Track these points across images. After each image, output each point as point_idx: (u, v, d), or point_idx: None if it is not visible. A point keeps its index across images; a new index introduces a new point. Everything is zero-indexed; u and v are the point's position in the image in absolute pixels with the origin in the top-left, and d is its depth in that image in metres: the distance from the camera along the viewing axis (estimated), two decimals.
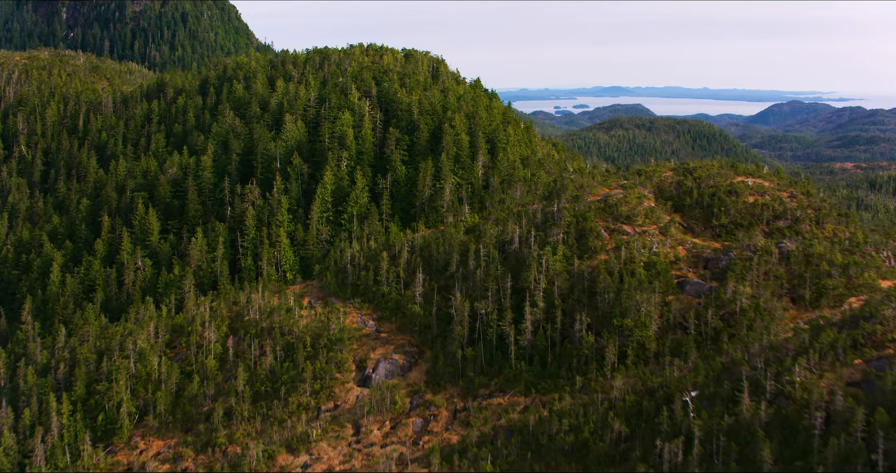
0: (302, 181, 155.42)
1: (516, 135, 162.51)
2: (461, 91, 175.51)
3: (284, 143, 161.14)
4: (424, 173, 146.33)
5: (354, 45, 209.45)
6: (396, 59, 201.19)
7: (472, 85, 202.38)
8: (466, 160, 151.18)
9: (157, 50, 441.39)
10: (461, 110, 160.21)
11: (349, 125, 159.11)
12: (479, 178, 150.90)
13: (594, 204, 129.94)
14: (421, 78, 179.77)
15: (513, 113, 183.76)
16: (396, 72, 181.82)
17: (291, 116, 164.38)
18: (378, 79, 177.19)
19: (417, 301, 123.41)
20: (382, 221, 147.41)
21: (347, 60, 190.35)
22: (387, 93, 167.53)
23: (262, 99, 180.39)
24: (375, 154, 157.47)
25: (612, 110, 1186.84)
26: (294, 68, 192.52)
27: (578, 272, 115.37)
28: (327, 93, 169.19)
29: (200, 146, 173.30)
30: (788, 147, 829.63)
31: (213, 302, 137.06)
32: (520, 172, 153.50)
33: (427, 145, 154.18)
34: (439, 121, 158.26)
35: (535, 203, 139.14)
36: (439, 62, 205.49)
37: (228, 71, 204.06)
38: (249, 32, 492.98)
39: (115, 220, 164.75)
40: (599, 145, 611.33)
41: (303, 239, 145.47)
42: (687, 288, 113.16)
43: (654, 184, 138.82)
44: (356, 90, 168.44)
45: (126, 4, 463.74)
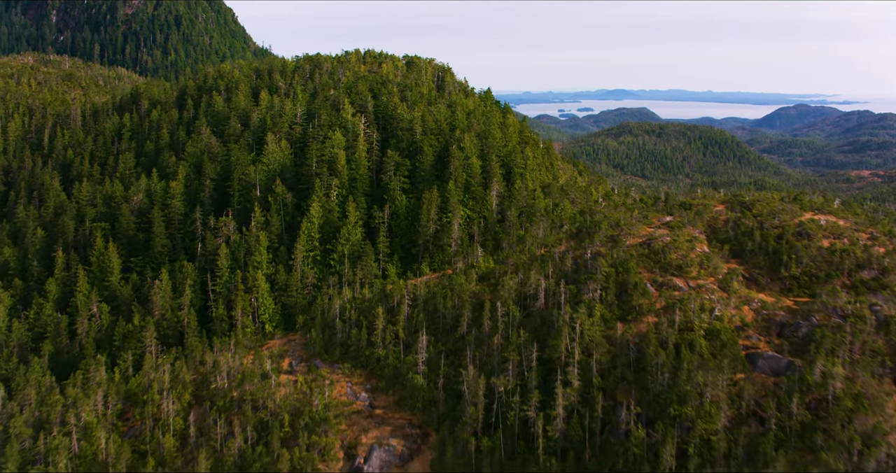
0: (285, 213, 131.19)
1: (535, 157, 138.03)
2: (470, 105, 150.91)
3: (266, 167, 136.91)
4: (429, 205, 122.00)
5: (350, 52, 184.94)
6: (397, 67, 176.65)
7: (482, 96, 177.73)
8: (478, 189, 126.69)
9: (148, 54, 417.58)
10: (471, 129, 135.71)
11: (340, 146, 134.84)
12: (493, 211, 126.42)
13: (635, 248, 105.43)
14: (424, 89, 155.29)
15: (530, 130, 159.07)
16: (396, 83, 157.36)
17: (274, 136, 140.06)
18: (375, 92, 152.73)
19: (420, 369, 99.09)
20: (379, 262, 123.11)
21: (341, 69, 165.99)
22: (385, 108, 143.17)
23: (244, 113, 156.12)
24: (371, 181, 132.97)
25: (617, 114, 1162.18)
26: (282, 78, 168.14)
27: (622, 340, 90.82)
28: (316, 108, 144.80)
29: (172, 168, 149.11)
30: (798, 152, 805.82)
31: (177, 362, 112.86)
32: (541, 202, 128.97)
33: (432, 171, 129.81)
34: (446, 141, 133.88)
35: (562, 243, 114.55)
36: (445, 70, 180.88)
37: (209, 80, 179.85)
38: (246, 36, 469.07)
39: (71, 256, 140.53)
40: (608, 152, 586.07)
41: (284, 284, 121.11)
42: (760, 363, 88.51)
43: (706, 222, 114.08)
44: (350, 105, 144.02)
45: (118, 7, 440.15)
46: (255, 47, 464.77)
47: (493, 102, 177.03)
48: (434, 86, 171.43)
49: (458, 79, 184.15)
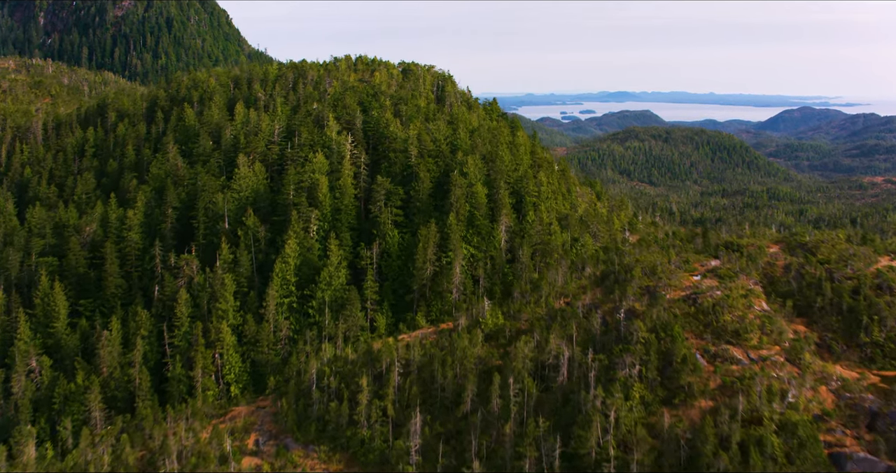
0: (257, 250, 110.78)
1: (549, 182, 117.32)
2: (474, 121, 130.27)
3: (236, 195, 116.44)
4: (425, 242, 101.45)
5: (340, 58, 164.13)
6: (392, 75, 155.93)
7: (487, 108, 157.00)
8: (483, 222, 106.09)
9: (138, 58, 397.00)
10: (475, 150, 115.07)
11: (323, 171, 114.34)
12: (501, 249, 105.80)
13: (678, 305, 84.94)
14: (422, 102, 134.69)
15: (542, 148, 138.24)
16: (390, 95, 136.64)
17: (247, 157, 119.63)
18: (365, 105, 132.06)
19: (413, 459, 78.79)
20: (366, 311, 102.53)
21: (328, 78, 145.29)
22: (376, 124, 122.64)
23: (217, 129, 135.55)
24: (358, 213, 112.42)
25: (620, 116, 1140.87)
26: (261, 88, 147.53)
27: (669, 434, 70.34)
28: (297, 124, 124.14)
29: (133, 193, 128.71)
30: (804, 156, 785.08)
31: (123, 436, 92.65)
32: (557, 238, 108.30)
33: (429, 201, 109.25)
34: (446, 166, 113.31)
35: (587, 293, 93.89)
36: (445, 79, 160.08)
37: (182, 90, 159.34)
38: (241, 38, 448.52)
39: (13, 297, 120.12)
40: (614, 157, 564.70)
41: (254, 337, 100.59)
42: (849, 467, 68.18)
43: (760, 269, 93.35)
44: (335, 121, 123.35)
45: (107, 9, 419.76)
46: (250, 50, 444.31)
47: (499, 115, 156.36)
48: (433, 98, 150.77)
49: (459, 88, 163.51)
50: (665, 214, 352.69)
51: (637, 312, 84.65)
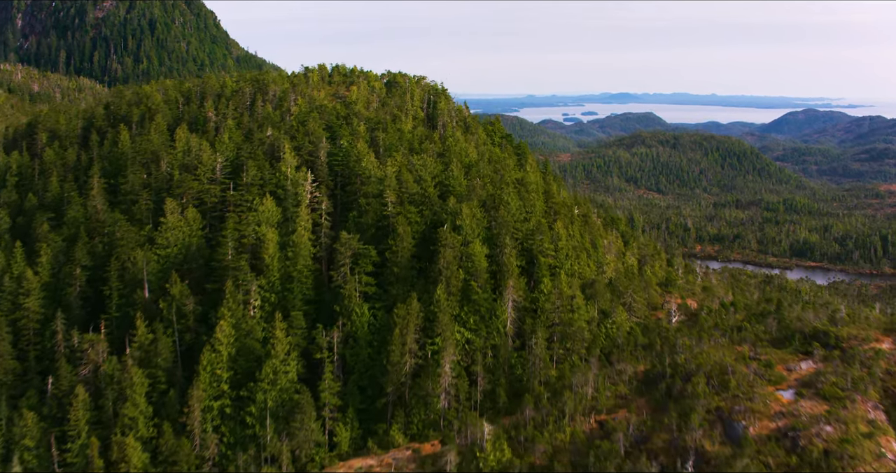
0: (183, 328, 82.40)
1: (570, 234, 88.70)
2: (472, 152, 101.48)
3: (162, 252, 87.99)
4: (404, 324, 73.09)
5: (312, 68, 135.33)
6: (373, 89, 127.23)
7: (489, 128, 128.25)
8: (483, 296, 77.55)
9: (118, 62, 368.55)
10: (472, 194, 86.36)
11: (271, 222, 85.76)
12: (506, 333, 77.36)
13: (769, 448, 56.75)
14: (407, 125, 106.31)
15: (558, 184, 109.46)
16: (366, 117, 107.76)
17: (178, 201, 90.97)
18: (335, 131, 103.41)
19: None
20: (324, 420, 74.08)
21: (293, 94, 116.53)
22: (345, 158, 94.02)
23: (154, 158, 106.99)
24: (317, 280, 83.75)
25: (623, 119, 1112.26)
26: (214, 106, 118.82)
27: None
28: (244, 157, 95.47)
29: (42, 241, 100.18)
30: (812, 160, 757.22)
31: None
32: (582, 314, 79.70)
33: (411, 265, 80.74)
34: (434, 215, 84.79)
35: (627, 408, 65.55)
36: (438, 92, 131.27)
37: (123, 106, 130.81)
38: (229, 41, 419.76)
39: None
40: (620, 164, 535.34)
41: (170, 458, 72.27)
42: None
43: (878, 381, 64.73)
44: (292, 152, 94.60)
45: (87, 10, 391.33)
46: (239, 53, 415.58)
47: (502, 137, 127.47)
48: (423, 116, 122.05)
49: (455, 103, 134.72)
50: (680, 231, 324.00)
51: (709, 454, 56.49)
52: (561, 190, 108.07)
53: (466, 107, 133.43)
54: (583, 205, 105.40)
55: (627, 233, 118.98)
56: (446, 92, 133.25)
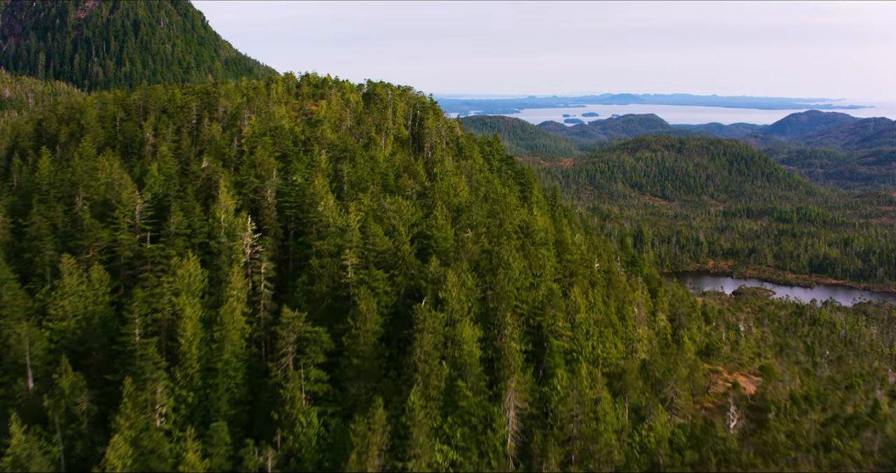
0: (76, 433, 60.24)
1: (591, 300, 66.23)
2: (463, 187, 78.62)
3: (53, 327, 65.72)
4: (364, 446, 51.03)
5: (278, 78, 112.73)
6: (347, 103, 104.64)
7: (486, 149, 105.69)
8: (474, 401, 55.25)
9: (100, 65, 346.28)
10: (462, 252, 63.87)
11: (193, 291, 63.40)
12: (507, 455, 55.04)
13: None
14: (384, 151, 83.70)
15: (571, 223, 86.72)
16: (329, 143, 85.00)
17: (76, 262, 68.50)
18: (290, 160, 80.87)
19: None
20: None
21: (248, 110, 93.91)
22: (299, 198, 71.64)
23: (68, 197, 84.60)
24: (251, 373, 61.34)
25: (625, 120, 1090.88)
26: (152, 126, 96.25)
27: None
28: (171, 196, 73.16)
29: None
30: (818, 163, 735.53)
31: None
32: (610, 422, 57.43)
33: (376, 353, 58.52)
34: (410, 282, 62.49)
35: None
36: (427, 106, 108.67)
37: (52, 123, 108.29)
38: (219, 42, 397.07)
39: None
40: (625, 169, 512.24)
41: None
42: None
43: None
44: (230, 191, 72.22)
45: (69, 10, 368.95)
46: (228, 55, 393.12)
47: (502, 160, 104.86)
48: (406, 135, 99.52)
49: (447, 117, 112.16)
50: (691, 245, 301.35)
51: None
52: (575, 233, 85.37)
53: (460, 125, 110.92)
54: (604, 253, 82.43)
55: (653, 279, 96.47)
56: (436, 105, 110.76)
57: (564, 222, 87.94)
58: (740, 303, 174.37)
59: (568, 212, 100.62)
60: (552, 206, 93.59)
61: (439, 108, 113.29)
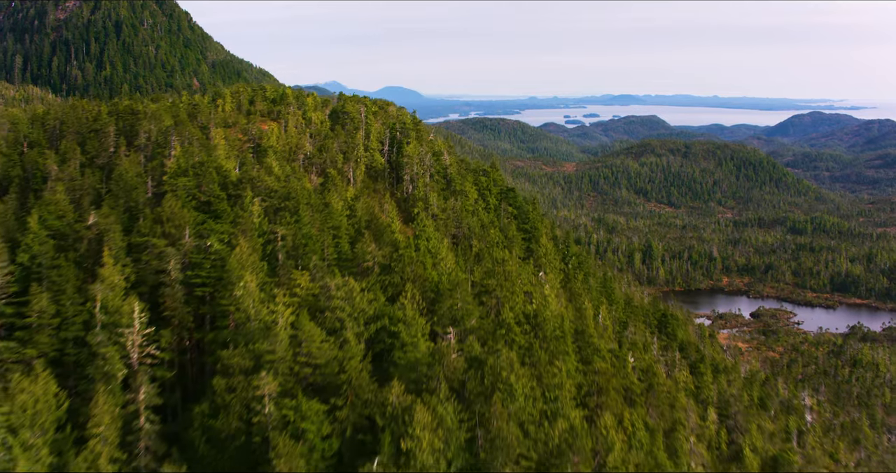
0: None
1: (627, 444, 44.90)
2: (447, 256, 56.62)
3: None
4: None
5: (222, 93, 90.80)
6: (308, 125, 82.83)
7: (481, 181, 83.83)
8: None
9: (79, 68, 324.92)
10: (440, 366, 42.62)
11: (42, 425, 42.04)
12: None
13: None
14: (345, 194, 62.08)
15: (597, 302, 64.91)
16: (267, 190, 62.89)
17: None
18: (217, 213, 59.41)
19: None
20: None
21: (177, 136, 71.86)
22: (215, 273, 50.24)
23: None
24: None
25: (626, 122, 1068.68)
26: (60, 153, 74.80)
27: None
28: (43, 265, 51.86)
29: None
30: (824, 166, 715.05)
31: None
32: None
33: None
34: (360, 419, 41.20)
35: None
36: (408, 127, 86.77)
37: None
38: (206, 44, 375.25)
39: None
40: (629, 175, 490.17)
41: None
42: None
43: None
44: (117, 264, 50.83)
45: (48, 11, 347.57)
46: (216, 57, 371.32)
47: (502, 192, 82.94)
48: (382, 163, 77.79)
49: (433, 137, 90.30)
50: (704, 261, 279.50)
51: None
52: (598, 308, 63.18)
53: (448, 147, 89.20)
54: (641, 353, 59.34)
55: (690, 347, 74.71)
56: (420, 125, 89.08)
57: (583, 291, 66.39)
58: (771, 341, 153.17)
59: (584, 261, 79.06)
60: (564, 259, 72.22)
61: (425, 127, 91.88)
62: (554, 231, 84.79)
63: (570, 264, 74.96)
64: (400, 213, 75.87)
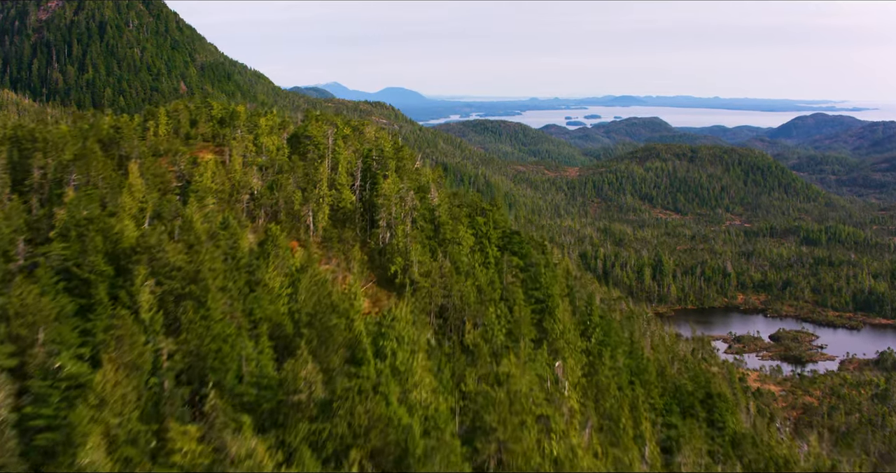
0: None
1: None
2: (420, 379, 38.37)
3: None
4: None
5: (156, 109, 72.16)
6: (260, 151, 64.29)
7: (478, 222, 65.24)
8: None
9: (60, 71, 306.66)
10: None
11: None
12: None
13: None
14: (276, 280, 43.53)
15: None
16: (167, 268, 44.40)
17: None
18: (88, 307, 40.98)
19: None
20: None
21: (78, 174, 53.47)
22: (55, 420, 32.82)
23: None
24: None
25: (628, 123, 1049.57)
26: None
27: None
28: None
29: None
30: (829, 169, 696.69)
31: None
32: None
33: None
34: None
35: None
36: (385, 155, 68.14)
37: None
38: (196, 46, 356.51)
39: None
40: (633, 180, 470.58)
41: None
42: None
43: None
44: None
45: (30, 11, 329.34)
46: (205, 60, 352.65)
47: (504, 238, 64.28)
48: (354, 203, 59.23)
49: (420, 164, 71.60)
50: (718, 277, 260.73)
51: None
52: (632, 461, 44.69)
53: (437, 178, 70.26)
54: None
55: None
56: (403, 151, 70.26)
57: (611, 377, 47.94)
58: (807, 384, 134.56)
59: (609, 327, 60.37)
60: (587, 331, 53.73)
61: (409, 152, 73.18)
62: (570, 286, 66.26)
63: (593, 337, 56.76)
64: (372, 271, 57.72)
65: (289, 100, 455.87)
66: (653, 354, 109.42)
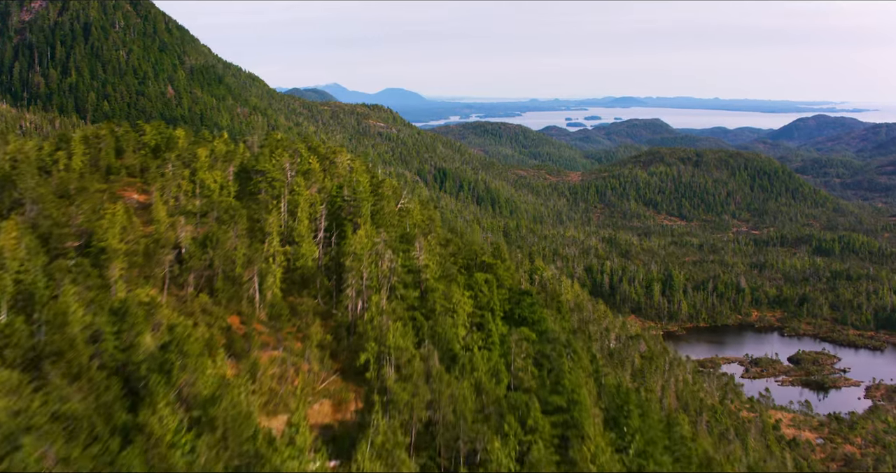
0: None
1: None
2: None
3: None
4: None
5: (75, 137, 56.39)
6: (195, 194, 48.97)
7: (478, 282, 49.76)
8: None
9: (42, 75, 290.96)
10: None
11: None
12: None
13: None
14: (171, 421, 28.35)
15: None
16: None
17: None
18: None
19: None
20: None
21: None
22: None
23: None
24: None
25: (629, 125, 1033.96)
26: None
27: None
28: None
29: None
30: (834, 172, 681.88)
31: None
32: None
33: None
34: None
35: None
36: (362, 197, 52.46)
37: None
38: (185, 48, 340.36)
39: None
40: (637, 185, 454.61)
41: None
42: None
43: None
44: None
45: (12, 12, 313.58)
46: (196, 62, 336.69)
47: (508, 304, 48.75)
48: (315, 263, 43.76)
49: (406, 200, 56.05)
50: (731, 293, 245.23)
51: None
52: None
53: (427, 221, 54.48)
54: None
55: None
56: (383, 186, 54.45)
57: None
58: (846, 430, 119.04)
59: (648, 430, 45.40)
60: (623, 445, 38.75)
61: (391, 186, 57.33)
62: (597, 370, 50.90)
63: (632, 449, 41.70)
64: (336, 355, 42.65)
65: (283, 104, 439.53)
66: (678, 404, 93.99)
